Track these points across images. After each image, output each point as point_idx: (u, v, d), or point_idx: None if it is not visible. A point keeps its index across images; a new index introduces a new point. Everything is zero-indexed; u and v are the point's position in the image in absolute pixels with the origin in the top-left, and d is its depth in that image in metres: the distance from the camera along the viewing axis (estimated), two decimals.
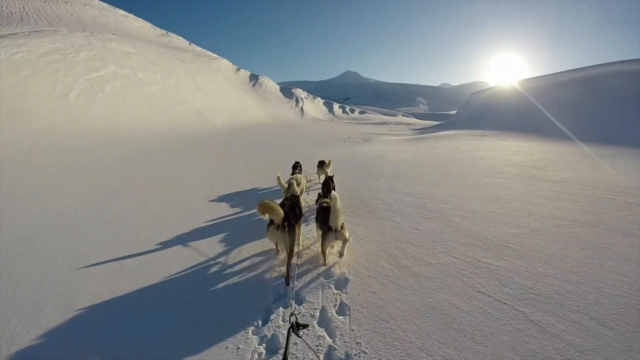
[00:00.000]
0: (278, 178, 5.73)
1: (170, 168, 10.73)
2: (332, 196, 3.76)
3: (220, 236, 5.10)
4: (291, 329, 2.21)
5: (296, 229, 3.89)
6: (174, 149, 15.40)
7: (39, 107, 17.56)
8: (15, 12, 34.40)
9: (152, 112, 25.77)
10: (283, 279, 3.70)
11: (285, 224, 3.58)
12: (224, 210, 6.60)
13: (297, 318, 2.43)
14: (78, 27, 35.22)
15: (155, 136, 19.54)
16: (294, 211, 3.94)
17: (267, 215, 3.65)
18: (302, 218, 4.67)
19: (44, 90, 19.34)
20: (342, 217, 3.71)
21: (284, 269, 3.79)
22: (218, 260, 4.34)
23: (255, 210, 4.79)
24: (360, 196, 7.08)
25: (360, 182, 8.33)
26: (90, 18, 43.05)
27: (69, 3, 43.29)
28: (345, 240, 3.78)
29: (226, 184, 8.52)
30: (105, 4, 51.27)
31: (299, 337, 2.30)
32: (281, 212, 3.59)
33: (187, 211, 6.51)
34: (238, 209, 6.58)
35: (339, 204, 3.69)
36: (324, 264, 3.91)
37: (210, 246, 4.77)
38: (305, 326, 2.42)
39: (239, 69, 64.94)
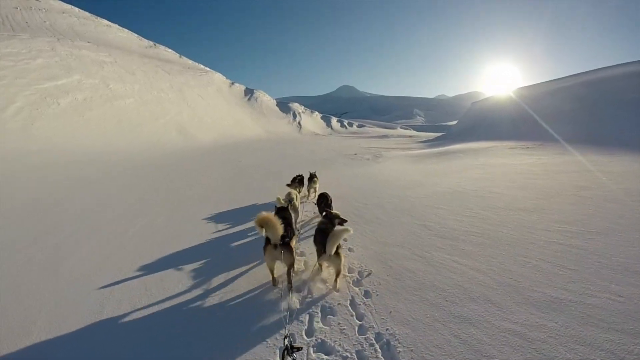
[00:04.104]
0: (278, 199, 5.14)
1: (84, 223, 6.38)
2: (344, 229, 3.41)
3: None
4: (285, 352, 2.12)
5: (292, 245, 3.67)
6: (124, 183, 10.91)
7: None
8: None
9: (120, 128, 21.33)
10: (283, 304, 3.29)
11: (280, 243, 3.36)
12: None
13: (291, 340, 2.26)
14: (47, 34, 31.37)
15: (113, 159, 15.09)
16: (287, 229, 3.57)
17: (264, 230, 3.29)
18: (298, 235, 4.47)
19: None
20: (336, 243, 3.32)
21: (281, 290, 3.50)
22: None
23: None
24: (468, 330, 2.78)
25: (430, 259, 4.01)
26: (66, 26, 39.03)
27: (43, 10, 39.26)
28: (338, 270, 3.51)
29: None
30: (86, 13, 47.31)
31: None
32: (280, 229, 3.32)
33: None
34: None
35: (337, 232, 3.34)
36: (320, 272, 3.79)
37: None
38: (299, 349, 2.30)
39: (233, 83, 61.74)
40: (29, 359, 2.76)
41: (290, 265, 3.50)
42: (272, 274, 3.66)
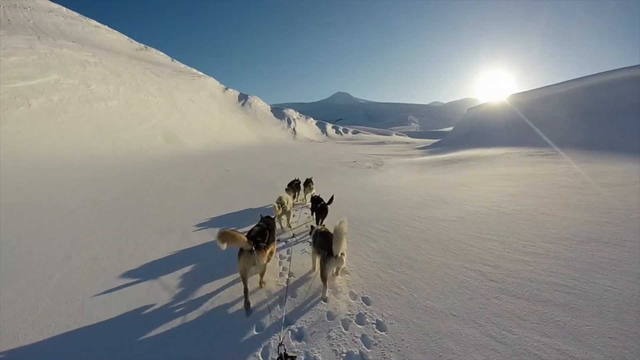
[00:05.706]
0: (274, 206, 5.28)
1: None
2: (341, 221, 3.12)
3: None
4: None
5: (266, 251, 3.45)
6: (83, 196, 9.13)
7: None
8: None
9: (99, 132, 19.55)
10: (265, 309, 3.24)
11: (254, 248, 3.20)
12: None
13: (285, 348, 2.21)
14: (29, 32, 29.63)
15: (84, 165, 13.51)
16: (264, 234, 3.48)
17: (226, 245, 3.01)
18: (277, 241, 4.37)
19: None
20: (343, 242, 3.16)
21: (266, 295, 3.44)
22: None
23: None
24: None
25: (518, 347, 2.43)
26: (50, 25, 37.28)
27: (28, 9, 37.47)
28: (341, 269, 3.56)
29: None
30: (74, 13, 45.54)
31: None
32: (244, 238, 3.17)
33: None
34: None
35: (345, 229, 3.11)
36: (324, 298, 3.31)
37: None
38: (293, 357, 2.17)
39: (227, 88, 60.48)
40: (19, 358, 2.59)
41: (262, 271, 3.47)
42: (245, 284, 3.34)
